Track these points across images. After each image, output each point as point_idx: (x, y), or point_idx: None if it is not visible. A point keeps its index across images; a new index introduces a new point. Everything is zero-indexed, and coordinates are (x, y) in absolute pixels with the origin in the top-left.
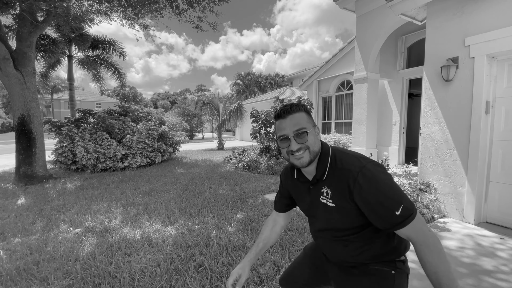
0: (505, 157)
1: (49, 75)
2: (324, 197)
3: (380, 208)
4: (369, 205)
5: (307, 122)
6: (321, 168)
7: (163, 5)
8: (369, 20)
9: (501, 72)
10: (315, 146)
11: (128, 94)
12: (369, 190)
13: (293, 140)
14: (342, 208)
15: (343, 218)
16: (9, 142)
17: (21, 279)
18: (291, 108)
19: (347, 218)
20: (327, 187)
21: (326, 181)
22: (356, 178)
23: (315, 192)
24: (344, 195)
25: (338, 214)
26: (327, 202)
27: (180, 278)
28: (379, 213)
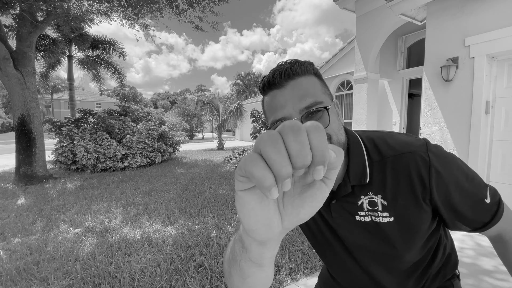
0: (505, 157)
1: (49, 75)
2: (367, 212)
3: (466, 199)
4: (453, 200)
5: (323, 93)
6: (357, 166)
7: (163, 5)
8: (369, 20)
9: (501, 72)
10: (340, 133)
11: (128, 94)
12: (450, 176)
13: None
14: (408, 221)
15: (408, 236)
16: (9, 142)
17: (21, 279)
18: (292, 68)
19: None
20: (372, 193)
21: (369, 184)
22: (430, 163)
23: (341, 209)
24: (411, 197)
25: (401, 232)
26: (376, 218)
27: (180, 278)
28: (466, 208)
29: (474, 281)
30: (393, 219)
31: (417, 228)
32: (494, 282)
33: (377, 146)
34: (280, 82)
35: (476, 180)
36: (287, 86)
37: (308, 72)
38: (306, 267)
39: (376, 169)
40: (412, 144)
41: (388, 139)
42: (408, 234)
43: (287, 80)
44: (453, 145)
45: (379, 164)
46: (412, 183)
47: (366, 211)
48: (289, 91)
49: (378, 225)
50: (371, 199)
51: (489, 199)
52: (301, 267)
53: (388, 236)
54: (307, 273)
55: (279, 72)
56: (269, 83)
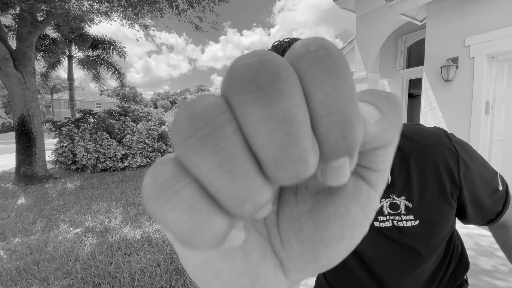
0: (505, 157)
1: (49, 75)
2: (388, 217)
3: (487, 190)
4: (477, 192)
5: None
6: None
7: (163, 5)
8: (369, 20)
9: (501, 72)
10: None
11: (128, 94)
12: (475, 168)
13: None
14: (434, 222)
15: (432, 239)
16: (9, 142)
17: (21, 279)
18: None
19: (440, 235)
20: (395, 195)
21: (391, 186)
22: (458, 154)
23: None
24: (439, 195)
25: (425, 236)
26: (399, 223)
27: (180, 278)
28: (486, 198)
29: (473, 281)
30: (419, 222)
31: (443, 229)
32: (493, 281)
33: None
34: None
35: (489, 167)
36: None
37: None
38: None
39: (397, 167)
40: (434, 135)
41: (407, 132)
42: (434, 237)
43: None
44: None
45: (400, 160)
46: (441, 179)
47: (386, 215)
48: None
49: (401, 231)
50: (393, 201)
51: (501, 186)
52: None
53: (412, 241)
54: None
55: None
56: None
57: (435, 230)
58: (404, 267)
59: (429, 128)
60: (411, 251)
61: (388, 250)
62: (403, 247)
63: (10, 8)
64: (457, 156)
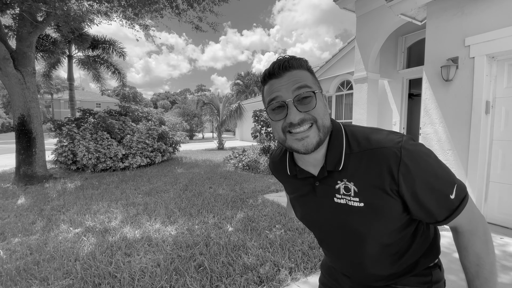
0: (505, 157)
1: (51, 74)
2: (343, 196)
3: (432, 194)
4: (419, 193)
5: (313, 83)
6: (334, 153)
7: (163, 5)
8: (369, 20)
9: (501, 72)
10: (325, 118)
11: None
12: (418, 172)
13: (293, 106)
14: (376, 208)
15: (376, 221)
16: (9, 142)
17: (21, 279)
18: (289, 62)
19: (384, 220)
20: (347, 180)
21: (344, 171)
22: (400, 158)
23: (324, 191)
24: (380, 187)
25: (370, 216)
26: (349, 202)
27: (180, 278)
28: (431, 202)
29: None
30: (363, 205)
31: (385, 214)
32: None
33: (358, 139)
34: (278, 72)
35: (444, 178)
36: (284, 76)
37: (302, 67)
38: (306, 267)
39: (353, 159)
40: (390, 141)
41: (370, 135)
42: (375, 220)
43: (284, 71)
44: (453, 145)
45: (357, 155)
46: (382, 175)
47: (342, 194)
48: (285, 79)
49: (350, 208)
50: (346, 185)
51: (454, 195)
52: (301, 267)
53: (358, 217)
54: (307, 273)
55: (278, 65)
56: (269, 73)
57: (376, 214)
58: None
59: (394, 135)
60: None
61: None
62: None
63: (10, 8)
64: (399, 159)
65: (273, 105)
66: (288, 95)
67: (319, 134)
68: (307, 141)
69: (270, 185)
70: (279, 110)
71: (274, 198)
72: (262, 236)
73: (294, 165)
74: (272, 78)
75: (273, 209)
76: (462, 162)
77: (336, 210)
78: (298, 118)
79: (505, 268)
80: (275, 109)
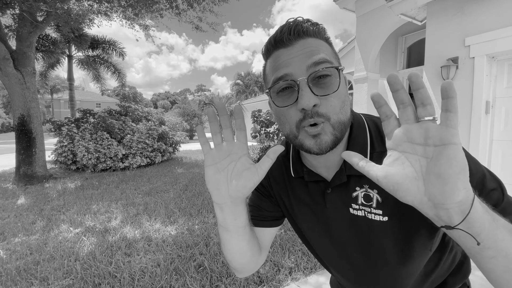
0: (505, 157)
1: (48, 74)
2: (361, 206)
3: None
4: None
5: (334, 58)
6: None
7: (163, 5)
8: (369, 20)
9: (501, 72)
10: (341, 112)
11: (128, 94)
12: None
13: (307, 86)
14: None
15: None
16: (9, 142)
17: (21, 279)
18: (303, 26)
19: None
20: (368, 186)
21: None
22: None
23: (336, 200)
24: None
25: (395, 233)
26: (369, 215)
27: (180, 278)
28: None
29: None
30: (387, 219)
31: (415, 232)
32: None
33: (382, 136)
34: (288, 39)
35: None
36: (296, 44)
37: (319, 35)
38: (306, 266)
39: (377, 160)
40: None
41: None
42: (402, 237)
43: (296, 38)
44: None
45: (381, 156)
46: None
47: (360, 204)
48: (297, 49)
49: (371, 223)
50: (367, 192)
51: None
52: (301, 267)
53: (379, 238)
54: (307, 273)
55: (289, 28)
56: (275, 40)
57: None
58: (374, 261)
59: None
60: (377, 248)
61: (359, 239)
62: (373, 245)
63: (10, 8)
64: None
65: (279, 86)
66: (301, 72)
67: (333, 133)
68: (321, 139)
69: None
70: (287, 92)
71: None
72: None
73: (301, 165)
74: (279, 47)
75: None
76: None
77: (352, 224)
78: (313, 102)
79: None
80: (282, 91)
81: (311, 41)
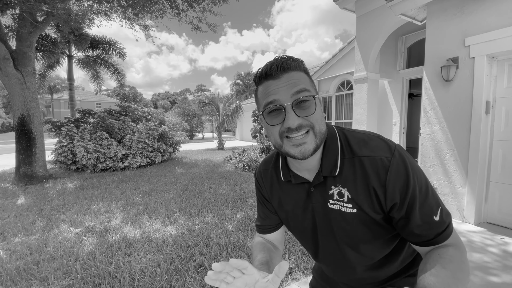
0: (505, 157)
1: (47, 74)
2: (336, 202)
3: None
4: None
5: (311, 86)
6: (329, 158)
7: (163, 5)
8: (369, 20)
9: (501, 72)
10: (322, 124)
11: (128, 94)
12: (405, 183)
13: (291, 110)
14: (367, 214)
15: (369, 227)
16: (9, 142)
17: (21, 279)
18: (287, 63)
19: (376, 226)
20: (341, 186)
21: (338, 177)
22: (389, 168)
23: (318, 197)
24: (371, 195)
25: (363, 222)
26: (342, 208)
27: (180, 278)
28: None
29: (475, 281)
30: (356, 211)
31: (374, 219)
32: (486, 277)
33: (351, 145)
34: (276, 73)
35: (429, 196)
36: (282, 77)
37: (299, 69)
38: (306, 266)
39: (346, 165)
40: (381, 149)
41: (362, 141)
42: (368, 226)
43: (282, 72)
44: (453, 145)
45: (350, 161)
46: (371, 183)
47: (335, 200)
48: (283, 81)
49: (344, 214)
50: (340, 190)
51: (438, 217)
52: (301, 267)
53: (351, 223)
54: (307, 273)
55: (276, 65)
56: (266, 73)
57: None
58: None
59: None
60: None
61: (338, 232)
62: (345, 232)
63: (10, 8)
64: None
65: (269, 109)
66: (287, 99)
67: (315, 141)
68: (305, 147)
69: None
70: (276, 114)
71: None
72: None
73: (288, 170)
74: (268, 79)
75: None
76: (462, 162)
77: (330, 216)
78: (296, 123)
79: (507, 267)
80: (272, 112)
81: (294, 74)
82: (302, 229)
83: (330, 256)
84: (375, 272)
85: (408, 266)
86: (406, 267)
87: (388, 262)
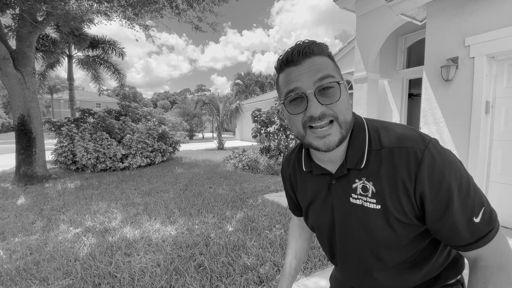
0: (505, 157)
1: (47, 74)
2: (359, 196)
3: (452, 210)
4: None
5: (336, 72)
6: (356, 150)
7: (163, 5)
8: (369, 20)
9: (501, 72)
10: (347, 113)
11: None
12: (440, 178)
13: (314, 98)
14: (393, 211)
15: (393, 226)
16: (9, 142)
17: (21, 279)
18: (309, 47)
19: (401, 225)
20: (365, 179)
21: (364, 170)
22: (421, 160)
23: (340, 190)
24: (399, 189)
25: (384, 220)
26: (365, 203)
27: (180, 278)
28: (450, 219)
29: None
30: (380, 207)
31: (401, 217)
32: None
33: (380, 136)
34: (298, 59)
35: (470, 194)
36: (304, 63)
37: (323, 53)
38: (306, 267)
39: (373, 157)
40: (414, 140)
41: (392, 131)
42: (392, 224)
43: (304, 58)
44: (453, 145)
45: (377, 153)
46: (400, 177)
47: (358, 194)
48: (305, 67)
49: (366, 210)
50: (364, 184)
51: (479, 219)
52: (301, 267)
53: (374, 221)
54: (307, 273)
55: (298, 50)
56: (287, 60)
57: (395, 222)
58: (367, 252)
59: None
60: (372, 237)
61: (359, 230)
62: (366, 230)
63: (10, 8)
64: (420, 161)
65: (291, 97)
66: (309, 86)
67: (341, 131)
68: (329, 139)
69: (270, 185)
70: (298, 102)
71: (274, 198)
72: (262, 236)
73: (310, 160)
74: (289, 65)
75: (273, 209)
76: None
77: (351, 211)
78: (319, 111)
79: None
80: (294, 100)
81: (317, 59)
82: (319, 223)
83: (345, 256)
84: (393, 279)
85: (431, 282)
86: (429, 282)
87: (409, 270)
